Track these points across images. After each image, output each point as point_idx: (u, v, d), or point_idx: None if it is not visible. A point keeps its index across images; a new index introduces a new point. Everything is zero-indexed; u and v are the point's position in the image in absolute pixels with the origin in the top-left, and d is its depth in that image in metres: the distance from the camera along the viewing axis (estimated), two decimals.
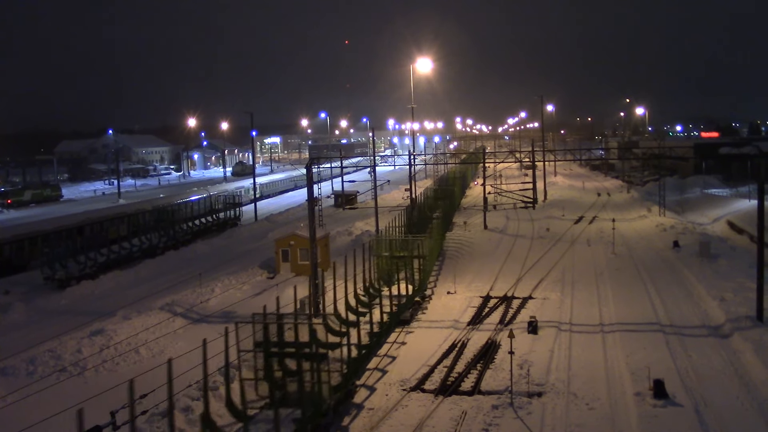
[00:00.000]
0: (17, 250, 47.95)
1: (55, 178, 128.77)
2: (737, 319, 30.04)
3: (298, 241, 42.49)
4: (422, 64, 68.35)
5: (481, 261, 46.35)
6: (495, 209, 71.43)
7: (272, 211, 77.94)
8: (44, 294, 39.74)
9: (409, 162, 57.66)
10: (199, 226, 62.51)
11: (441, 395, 23.39)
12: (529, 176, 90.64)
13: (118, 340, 28.99)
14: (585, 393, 23.19)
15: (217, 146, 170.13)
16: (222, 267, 45.52)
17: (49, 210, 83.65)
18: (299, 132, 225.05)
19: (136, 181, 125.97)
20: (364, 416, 22.03)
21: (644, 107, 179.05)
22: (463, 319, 32.68)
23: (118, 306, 34.97)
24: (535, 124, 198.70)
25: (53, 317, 34.52)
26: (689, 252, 45.78)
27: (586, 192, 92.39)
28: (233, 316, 31.89)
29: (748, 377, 24.05)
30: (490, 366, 25.99)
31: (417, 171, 71.34)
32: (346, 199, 78.61)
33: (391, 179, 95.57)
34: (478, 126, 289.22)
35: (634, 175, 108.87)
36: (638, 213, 67.89)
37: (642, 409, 21.66)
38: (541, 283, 39.33)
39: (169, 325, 31.20)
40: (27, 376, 25.53)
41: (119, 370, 26.10)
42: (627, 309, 33.51)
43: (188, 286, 39.19)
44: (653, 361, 25.57)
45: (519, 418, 21.39)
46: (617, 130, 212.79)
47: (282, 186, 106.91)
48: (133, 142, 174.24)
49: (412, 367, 26.28)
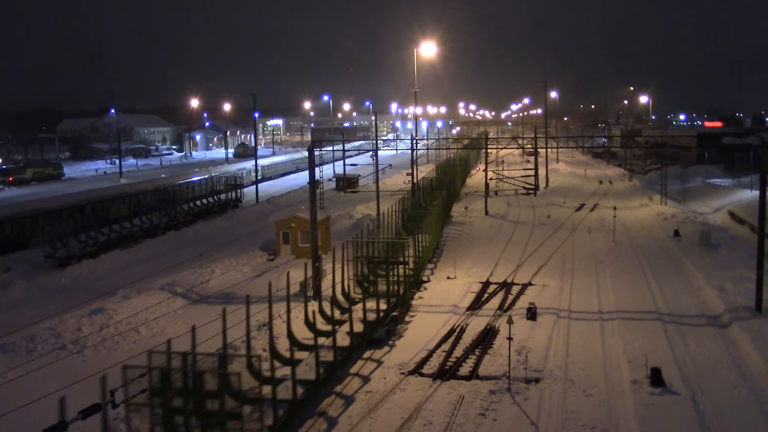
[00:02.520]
0: (18, 228, 47.98)
1: (57, 156, 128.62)
2: (736, 309, 30.09)
3: (299, 223, 42.50)
4: (426, 48, 68.01)
5: (481, 247, 46.38)
6: (496, 195, 71.38)
7: (273, 193, 77.88)
8: (45, 272, 39.84)
9: (411, 146, 57.56)
10: (200, 207, 62.52)
11: (439, 379, 23.47)
12: (531, 163, 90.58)
13: (118, 319, 29.11)
14: (582, 380, 23.27)
15: (220, 127, 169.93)
16: (222, 248, 45.59)
17: (50, 188, 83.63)
18: (302, 114, 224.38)
19: (138, 160, 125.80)
20: (363, 399, 22.12)
21: (648, 95, 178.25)
22: (462, 304, 32.75)
23: (119, 285, 35.04)
24: (538, 110, 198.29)
25: (53, 295, 34.64)
26: (690, 241, 45.77)
27: (588, 180, 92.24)
28: (233, 298, 32.02)
29: (745, 367, 24.12)
30: (488, 351, 26.07)
31: (419, 156, 71.26)
32: (348, 183, 78.51)
33: (393, 163, 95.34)
34: (481, 111, 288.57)
35: (636, 163, 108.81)
36: (640, 201, 67.83)
37: (639, 397, 21.74)
38: (540, 270, 39.37)
39: (169, 305, 31.31)
40: (27, 353, 25.66)
41: (119, 348, 26.21)
42: (626, 297, 33.55)
43: (189, 267, 39.27)
44: (651, 349, 25.63)
45: (516, 404, 21.49)
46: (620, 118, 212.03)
47: (284, 168, 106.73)
48: (135, 122, 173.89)
49: (410, 351, 26.36)
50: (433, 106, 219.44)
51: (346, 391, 22.93)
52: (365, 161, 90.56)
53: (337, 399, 22.24)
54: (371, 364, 25.39)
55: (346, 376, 23.96)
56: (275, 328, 25.30)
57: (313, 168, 35.31)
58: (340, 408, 21.50)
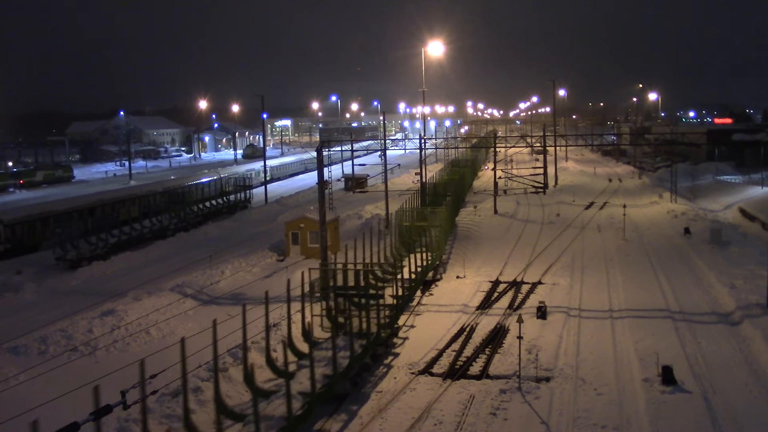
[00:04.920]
0: (29, 231, 48.27)
1: (67, 159, 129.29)
2: (747, 306, 29.90)
3: (308, 223, 42.54)
4: (434, 48, 68.04)
5: (490, 245, 46.29)
6: (505, 194, 71.17)
7: (282, 193, 78.02)
8: (56, 274, 40.04)
9: (419, 146, 57.52)
10: (210, 208, 62.69)
11: (449, 379, 23.45)
12: (540, 161, 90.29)
13: (129, 320, 29.22)
14: (593, 378, 23.20)
15: (228, 128, 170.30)
16: (232, 249, 45.68)
17: (60, 191, 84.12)
18: (310, 115, 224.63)
19: (147, 162, 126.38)
20: (373, 399, 22.12)
21: (657, 93, 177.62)
22: (472, 303, 32.70)
23: (129, 287, 35.19)
24: (547, 108, 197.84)
25: (64, 297, 34.80)
26: (700, 239, 45.53)
27: (598, 178, 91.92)
28: (243, 298, 32.07)
29: (757, 365, 23.98)
30: (498, 351, 26.02)
31: (428, 155, 71.19)
32: (357, 183, 78.50)
33: (402, 163, 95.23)
34: (489, 110, 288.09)
35: (645, 161, 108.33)
36: (649, 199, 67.54)
37: (650, 395, 21.65)
38: (550, 269, 39.26)
39: (179, 307, 31.41)
40: (39, 355, 25.81)
41: (130, 350, 26.32)
42: (636, 295, 33.42)
43: (198, 268, 39.37)
44: (662, 347, 25.52)
45: (527, 403, 21.44)
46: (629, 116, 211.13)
47: (292, 169, 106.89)
48: (144, 124, 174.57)
49: (420, 350, 26.35)
50: (441, 106, 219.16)
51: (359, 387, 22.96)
52: (374, 161, 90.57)
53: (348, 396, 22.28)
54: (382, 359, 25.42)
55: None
56: (283, 329, 25.41)
57: (321, 168, 35.32)
58: (351, 407, 21.49)
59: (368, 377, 23.93)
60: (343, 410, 21.32)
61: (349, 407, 21.54)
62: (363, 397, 22.32)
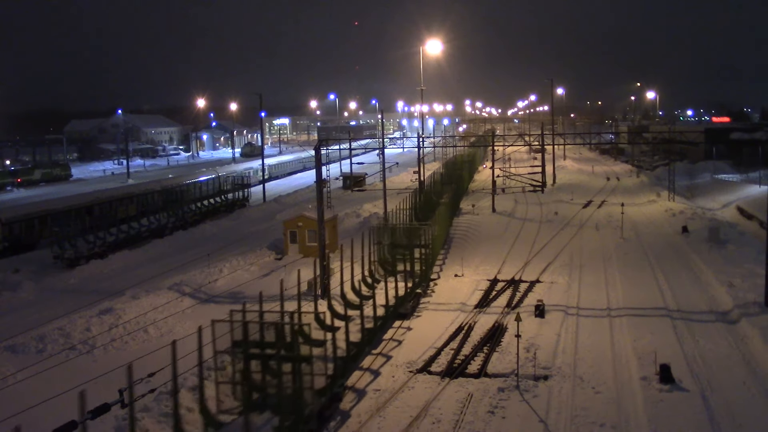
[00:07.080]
0: (27, 229, 48.21)
1: (65, 157, 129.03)
2: (745, 305, 29.94)
3: (306, 222, 42.54)
4: (432, 46, 68.00)
5: (489, 244, 46.31)
6: (503, 192, 71.27)
7: (281, 192, 78.01)
8: (53, 273, 40.01)
9: (418, 144, 57.51)
10: (208, 207, 62.64)
11: (447, 377, 23.46)
12: (538, 160, 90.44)
13: (127, 319, 29.20)
14: (591, 377, 23.22)
15: (226, 127, 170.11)
16: (230, 248, 45.65)
17: (58, 189, 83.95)
18: (308, 113, 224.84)
19: (145, 161, 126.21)
20: (371, 397, 22.13)
21: (655, 91, 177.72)
22: (470, 302, 32.70)
23: (127, 285, 35.18)
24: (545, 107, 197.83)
25: (62, 296, 34.79)
26: (698, 237, 45.58)
27: (595, 176, 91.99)
28: (241, 297, 32.08)
29: (755, 363, 24.01)
30: (496, 349, 26.03)
31: (426, 153, 71.19)
32: (355, 181, 78.56)
33: (400, 161, 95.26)
34: (487, 109, 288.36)
35: (643, 159, 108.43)
36: (647, 198, 67.61)
37: (648, 394, 21.68)
38: (548, 267, 39.28)
39: (177, 305, 31.39)
40: (36, 353, 25.79)
41: (128, 348, 26.33)
42: (635, 294, 33.44)
43: (196, 267, 39.35)
44: (660, 346, 25.55)
45: (525, 401, 21.45)
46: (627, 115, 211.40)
47: (290, 167, 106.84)
48: (142, 122, 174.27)
49: (418, 349, 26.34)
50: (439, 104, 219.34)
51: (358, 385, 23.00)
52: (372, 159, 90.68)
53: (348, 393, 22.32)
54: (381, 359, 25.42)
55: (356, 369, 23.97)
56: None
57: (319, 167, 35.32)
58: (350, 404, 21.49)
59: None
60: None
61: (346, 406, 21.54)
62: (360, 395, 22.33)
